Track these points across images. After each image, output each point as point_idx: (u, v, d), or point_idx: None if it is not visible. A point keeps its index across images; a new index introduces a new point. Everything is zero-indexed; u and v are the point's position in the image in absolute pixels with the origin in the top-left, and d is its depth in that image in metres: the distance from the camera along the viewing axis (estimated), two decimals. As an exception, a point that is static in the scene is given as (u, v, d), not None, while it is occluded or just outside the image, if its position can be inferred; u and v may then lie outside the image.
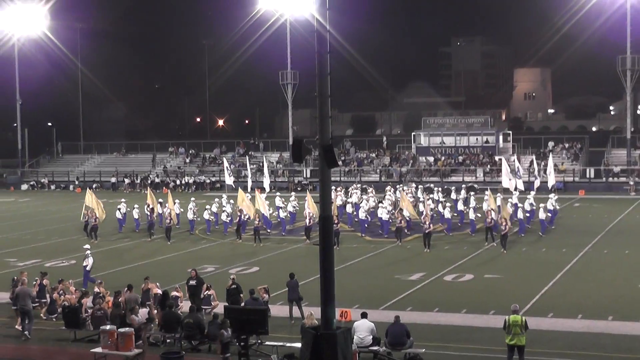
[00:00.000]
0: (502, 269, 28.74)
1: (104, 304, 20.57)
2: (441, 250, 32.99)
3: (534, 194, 40.16)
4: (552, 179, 46.26)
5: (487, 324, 20.78)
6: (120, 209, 40.38)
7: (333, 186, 33.74)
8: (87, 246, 27.67)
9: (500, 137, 68.42)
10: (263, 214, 37.39)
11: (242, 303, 20.91)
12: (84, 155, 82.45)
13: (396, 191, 44.14)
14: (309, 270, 25.39)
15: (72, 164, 79.30)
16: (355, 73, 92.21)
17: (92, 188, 54.96)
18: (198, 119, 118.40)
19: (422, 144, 69.07)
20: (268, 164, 59.22)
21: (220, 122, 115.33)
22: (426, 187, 49.41)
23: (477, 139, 67.52)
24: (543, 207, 36.83)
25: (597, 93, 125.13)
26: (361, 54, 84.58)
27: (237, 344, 17.87)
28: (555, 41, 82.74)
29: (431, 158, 67.37)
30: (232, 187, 42.45)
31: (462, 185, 49.76)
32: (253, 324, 18.48)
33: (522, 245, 33.95)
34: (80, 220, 39.44)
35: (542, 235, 36.05)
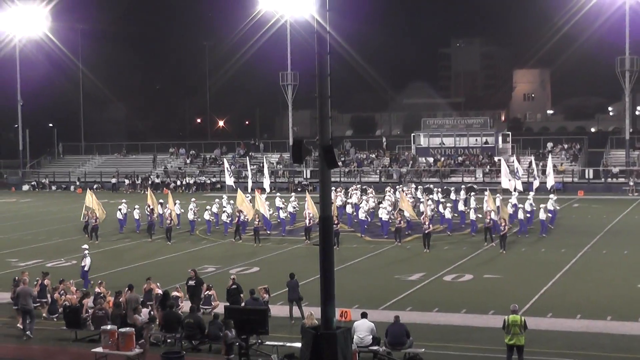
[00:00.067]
0: (501, 269, 28.77)
1: (105, 304, 20.66)
2: (441, 251, 33.03)
3: (533, 194, 40.19)
4: (551, 180, 46.30)
5: (487, 324, 20.80)
6: (121, 210, 40.47)
7: (333, 187, 33.77)
8: (85, 246, 27.70)
9: (500, 138, 68.37)
10: (263, 215, 37.45)
11: (242, 303, 20.93)
12: (84, 155, 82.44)
13: (396, 192, 44.22)
14: (309, 270, 25.43)
15: (73, 165, 79.35)
16: (355, 74, 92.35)
17: (93, 189, 55.10)
18: (199, 120, 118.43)
19: (422, 145, 69.04)
20: (268, 165, 59.36)
21: (221, 123, 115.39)
22: (426, 187, 49.46)
23: (476, 140, 67.47)
24: (543, 207, 36.84)
25: (596, 94, 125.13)
26: (361, 55, 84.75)
27: (237, 344, 17.91)
28: (554, 42, 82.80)
29: (431, 159, 67.38)
30: (233, 187, 42.54)
31: (462, 185, 49.84)
32: (253, 323, 18.50)
33: (521, 245, 34.00)
34: (81, 220, 39.55)
35: (544, 235, 36.06)
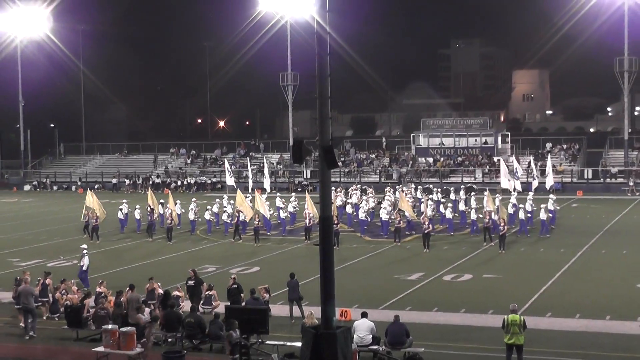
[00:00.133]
0: (500, 269, 28.84)
1: (107, 304, 20.75)
2: (440, 251, 33.08)
3: (532, 194, 40.26)
4: (550, 180, 46.34)
5: (486, 324, 20.85)
6: (121, 210, 40.56)
7: (333, 187, 33.86)
8: (84, 246, 27.70)
9: (499, 138, 68.42)
10: (263, 215, 37.52)
11: (242, 302, 21.01)
12: (86, 156, 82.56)
13: (395, 192, 44.29)
14: (309, 270, 25.50)
15: (74, 165, 79.48)
16: (355, 75, 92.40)
17: (94, 189, 55.20)
18: (199, 120, 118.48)
19: (422, 145, 69.12)
20: (268, 165, 59.43)
21: (221, 123, 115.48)
22: (425, 187, 49.54)
23: (476, 140, 67.54)
24: (544, 207, 36.88)
25: (595, 94, 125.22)
26: (361, 55, 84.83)
27: (242, 343, 17.98)
28: (553, 43, 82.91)
29: (430, 159, 67.47)
30: (234, 187, 42.63)
31: (461, 186, 49.94)
32: (254, 323, 18.62)
33: (520, 245, 34.08)
34: (81, 220, 39.61)
35: (548, 236, 36.09)
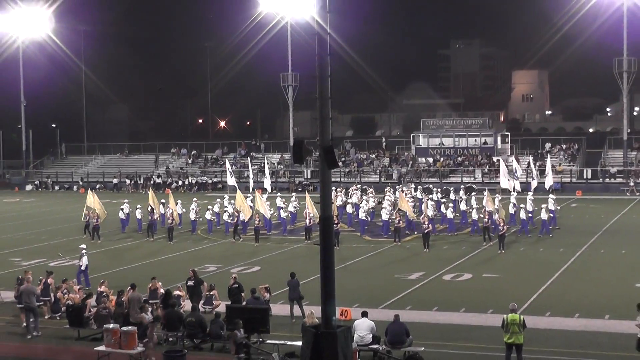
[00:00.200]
0: (500, 269, 28.92)
1: (108, 303, 20.85)
2: (440, 250, 33.16)
3: (531, 194, 40.33)
4: (550, 180, 46.38)
5: (486, 323, 20.91)
6: (123, 210, 40.65)
7: (333, 187, 33.94)
8: (83, 246, 27.74)
9: (499, 138, 68.48)
10: (263, 215, 37.60)
11: (243, 302, 21.09)
12: (87, 156, 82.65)
13: (395, 192, 44.38)
14: (309, 269, 25.58)
15: (76, 165, 79.59)
16: (356, 75, 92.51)
17: (95, 189, 55.25)
18: (200, 121, 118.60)
19: (421, 145, 69.21)
20: (269, 165, 59.50)
21: (222, 124, 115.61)
22: (425, 187, 49.62)
23: (475, 140, 67.59)
24: (545, 207, 36.94)
25: (594, 95, 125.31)
26: (361, 56, 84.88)
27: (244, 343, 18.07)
28: (553, 43, 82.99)
29: (430, 159, 67.57)
30: (235, 187, 42.73)
31: (461, 185, 49.99)
32: (254, 322, 18.70)
33: (520, 245, 34.17)
34: (82, 220, 39.64)
35: (550, 235, 36.15)
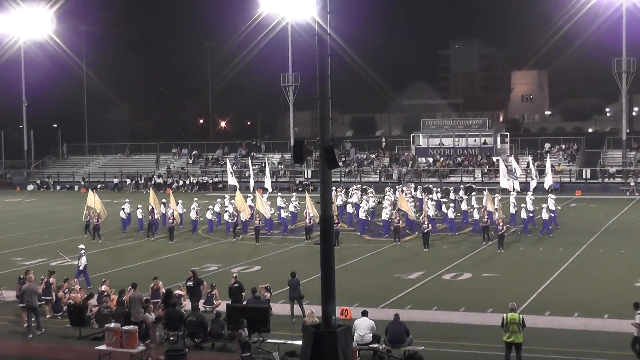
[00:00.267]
0: (499, 268, 29.00)
1: (110, 303, 20.93)
2: (440, 250, 33.24)
3: (531, 194, 40.40)
4: (549, 180, 46.46)
5: (485, 322, 20.97)
6: (124, 209, 40.71)
7: (333, 186, 34.00)
8: (81, 246, 27.75)
9: (498, 139, 68.54)
10: (263, 215, 37.66)
11: (244, 301, 21.16)
12: (88, 156, 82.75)
13: (395, 192, 44.45)
14: (309, 269, 25.65)
15: (77, 165, 79.71)
16: (356, 75, 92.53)
17: (97, 188, 55.30)
18: (201, 121, 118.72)
19: (421, 145, 69.30)
20: (270, 165, 59.58)
21: (223, 124, 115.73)
22: (425, 187, 49.70)
23: (475, 140, 67.68)
24: (545, 207, 37.01)
25: (593, 95, 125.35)
26: (361, 56, 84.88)
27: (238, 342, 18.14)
28: (552, 44, 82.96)
29: (430, 159, 67.66)
30: (237, 187, 42.86)
31: (461, 185, 50.04)
32: (255, 321, 18.76)
33: (519, 244, 34.24)
34: (82, 220, 39.69)
35: (551, 235, 36.22)
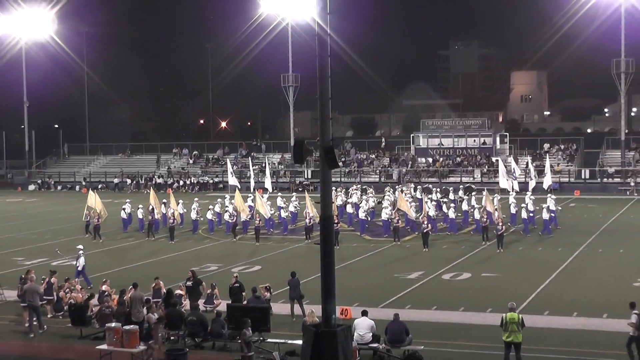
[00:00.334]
0: (499, 268, 29.08)
1: (111, 302, 21.01)
2: (439, 250, 33.31)
3: (530, 194, 40.50)
4: (548, 180, 46.53)
5: (485, 322, 21.03)
6: (125, 209, 40.76)
7: (333, 186, 34.06)
8: (80, 246, 27.80)
9: (498, 139, 68.61)
10: (263, 215, 37.72)
11: (244, 301, 21.24)
12: (89, 156, 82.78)
13: (395, 192, 44.52)
14: (309, 269, 25.71)
15: (78, 165, 79.77)
16: (356, 76, 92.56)
17: (98, 188, 55.35)
18: (201, 121, 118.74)
19: (421, 145, 69.36)
20: (270, 165, 59.66)
21: (223, 124, 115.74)
22: (425, 187, 49.77)
23: (474, 141, 67.75)
24: (546, 207, 37.09)
25: (592, 95, 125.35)
26: (361, 57, 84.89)
27: (238, 340, 18.19)
28: (551, 45, 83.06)
29: (430, 159, 67.75)
30: (238, 187, 42.96)
31: (460, 185, 50.10)
32: (255, 321, 18.85)
33: (519, 244, 34.32)
34: (82, 220, 39.75)
35: (550, 235, 36.28)
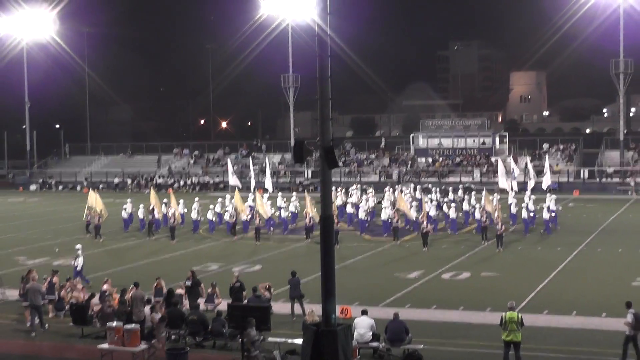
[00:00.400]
0: (498, 267, 29.14)
1: (112, 302, 21.10)
2: (439, 249, 33.38)
3: (529, 194, 40.57)
4: (547, 180, 46.63)
5: (484, 321, 21.08)
6: (125, 209, 40.82)
7: (333, 186, 34.16)
8: (78, 246, 27.77)
9: (497, 139, 68.77)
10: (263, 215, 37.79)
11: (245, 300, 21.31)
12: (90, 156, 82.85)
13: (394, 191, 44.59)
14: (310, 268, 25.76)
15: (79, 165, 79.83)
16: (356, 76, 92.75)
17: (98, 188, 55.40)
18: (202, 121, 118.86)
19: (421, 146, 69.51)
20: (270, 165, 59.75)
21: (224, 124, 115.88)
22: (424, 187, 49.84)
23: (474, 141, 67.91)
24: (546, 207, 37.18)
25: (591, 96, 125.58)
26: (361, 57, 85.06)
27: (239, 339, 18.26)
28: (550, 45, 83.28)
29: (429, 159, 67.84)
30: (239, 187, 43.07)
31: (460, 185, 50.18)
32: (256, 320, 18.94)
33: (518, 244, 34.40)
34: (83, 219, 39.79)
35: (549, 234, 36.37)
